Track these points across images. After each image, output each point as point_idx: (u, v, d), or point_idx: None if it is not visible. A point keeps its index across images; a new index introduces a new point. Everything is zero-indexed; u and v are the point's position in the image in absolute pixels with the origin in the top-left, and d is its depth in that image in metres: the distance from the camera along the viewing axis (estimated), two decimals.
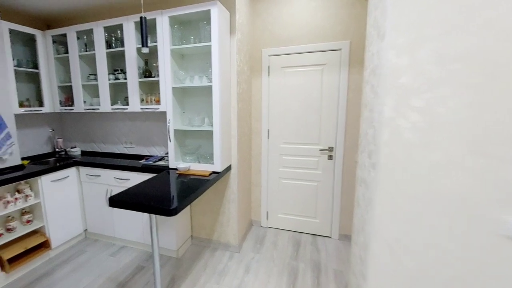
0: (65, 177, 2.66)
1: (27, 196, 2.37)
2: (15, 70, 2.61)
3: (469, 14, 0.94)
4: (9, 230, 2.30)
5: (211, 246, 2.74)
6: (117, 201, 1.65)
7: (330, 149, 2.77)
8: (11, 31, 2.54)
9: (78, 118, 3.28)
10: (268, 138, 2.98)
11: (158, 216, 2.52)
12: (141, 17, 1.86)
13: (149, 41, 2.40)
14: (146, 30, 1.90)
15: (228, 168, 2.48)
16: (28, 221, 2.44)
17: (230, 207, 2.59)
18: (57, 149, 3.17)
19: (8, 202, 2.22)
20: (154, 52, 2.50)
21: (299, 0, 2.65)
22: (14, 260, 2.28)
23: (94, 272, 2.37)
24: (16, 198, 2.28)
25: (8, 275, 2.24)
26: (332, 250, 2.70)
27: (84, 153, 3.24)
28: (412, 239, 1.12)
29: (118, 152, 3.13)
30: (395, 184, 1.12)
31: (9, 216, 2.32)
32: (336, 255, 2.61)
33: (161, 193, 1.80)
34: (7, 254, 2.20)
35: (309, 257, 2.57)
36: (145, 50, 1.97)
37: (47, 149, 3.17)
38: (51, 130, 3.16)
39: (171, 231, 2.50)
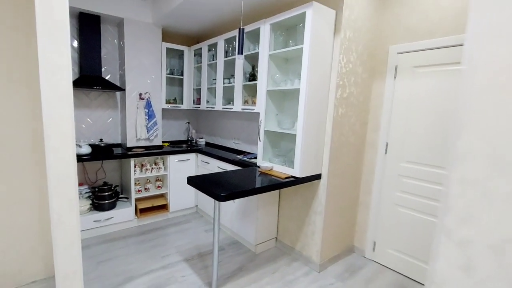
0: (186, 159, 3.40)
1: (159, 168, 3.24)
2: (167, 77, 3.60)
3: None
4: (146, 189, 3.24)
5: (292, 255, 2.66)
6: (190, 181, 2.00)
7: None
8: (167, 49, 3.52)
9: (205, 114, 4.07)
10: (385, 153, 2.54)
11: (244, 209, 2.76)
12: (239, 29, 2.12)
13: (256, 48, 2.70)
14: (242, 40, 2.14)
15: (316, 177, 2.36)
16: (158, 187, 3.32)
17: (316, 219, 2.43)
18: (189, 138, 4.08)
19: (147, 169, 3.14)
20: None
21: None
22: (144, 211, 3.19)
23: (188, 238, 2.91)
24: (152, 168, 3.19)
25: (139, 220, 3.17)
26: None
27: (207, 144, 3.99)
28: None
29: (229, 146, 3.64)
30: None
31: (147, 180, 3.27)
32: None
33: (227, 183, 1.98)
34: (141, 205, 3.15)
35: None
36: (239, 57, 2.22)
37: (183, 137, 4.14)
38: (187, 122, 4.11)
39: (251, 225, 2.67)
